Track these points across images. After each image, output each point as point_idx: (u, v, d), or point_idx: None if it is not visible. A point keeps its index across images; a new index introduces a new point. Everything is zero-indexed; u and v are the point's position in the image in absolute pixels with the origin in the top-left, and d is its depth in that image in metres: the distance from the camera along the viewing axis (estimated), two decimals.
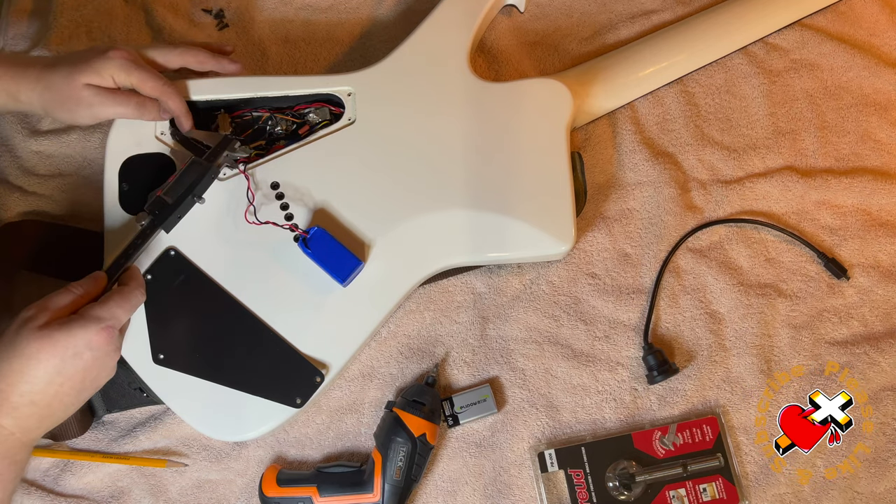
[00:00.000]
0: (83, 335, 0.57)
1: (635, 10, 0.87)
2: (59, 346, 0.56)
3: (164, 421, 0.72)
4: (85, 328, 0.57)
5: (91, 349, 0.57)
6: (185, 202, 0.68)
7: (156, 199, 0.67)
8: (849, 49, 0.84)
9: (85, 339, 0.57)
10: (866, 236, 0.78)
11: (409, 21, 0.83)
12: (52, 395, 0.56)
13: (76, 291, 0.60)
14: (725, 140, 0.82)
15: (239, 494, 0.71)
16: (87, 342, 0.57)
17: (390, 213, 0.71)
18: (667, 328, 0.76)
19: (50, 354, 0.55)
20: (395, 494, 0.67)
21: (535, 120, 0.74)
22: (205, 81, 0.74)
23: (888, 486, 0.72)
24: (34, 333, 0.55)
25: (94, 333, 0.57)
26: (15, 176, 0.78)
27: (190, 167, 0.69)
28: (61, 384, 0.57)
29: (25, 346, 0.55)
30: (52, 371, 0.56)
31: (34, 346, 0.55)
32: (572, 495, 0.70)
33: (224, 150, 0.71)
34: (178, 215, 0.69)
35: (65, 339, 0.56)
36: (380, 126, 0.74)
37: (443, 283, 0.76)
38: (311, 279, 0.69)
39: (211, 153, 0.70)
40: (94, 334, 0.57)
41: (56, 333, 0.56)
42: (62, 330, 0.56)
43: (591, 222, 0.78)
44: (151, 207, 0.67)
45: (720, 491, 0.71)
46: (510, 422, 0.73)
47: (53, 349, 0.55)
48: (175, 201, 0.68)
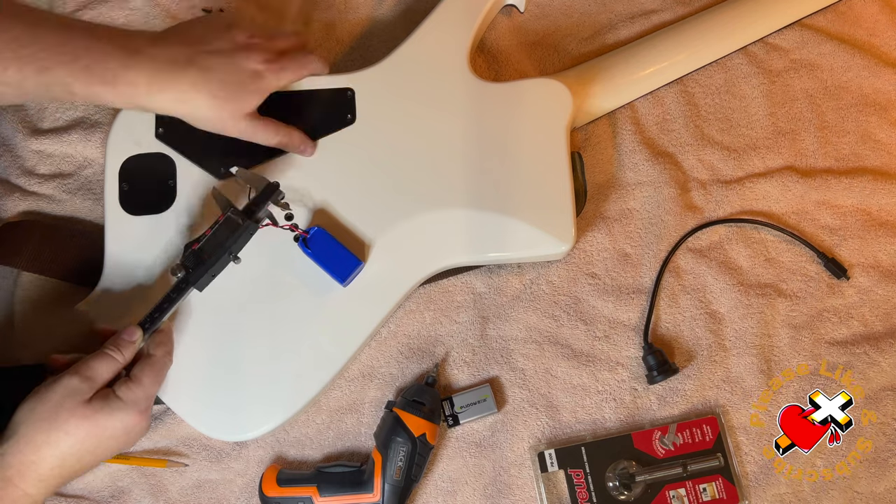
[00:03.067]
0: (123, 418, 0.58)
1: (635, 10, 0.87)
2: (98, 427, 0.57)
3: (164, 421, 0.72)
4: (125, 412, 0.59)
5: (127, 431, 0.59)
6: (221, 260, 0.64)
7: (191, 252, 0.63)
8: (849, 49, 0.84)
9: (123, 423, 0.59)
10: (866, 236, 0.78)
11: (409, 21, 0.83)
12: (79, 468, 0.58)
13: (118, 359, 0.60)
14: (725, 140, 0.82)
15: (239, 494, 0.71)
16: (125, 426, 0.59)
17: (390, 212, 0.71)
18: (667, 328, 0.76)
19: (88, 434, 0.57)
20: (395, 494, 0.67)
21: (535, 120, 0.74)
22: None
23: (888, 486, 0.72)
24: (78, 410, 0.57)
25: (133, 417, 0.59)
26: (15, 176, 0.78)
27: (227, 222, 0.64)
28: (91, 457, 0.58)
29: (66, 420, 0.56)
30: (85, 449, 0.57)
31: (74, 422, 0.56)
32: (572, 495, 0.70)
33: (267, 201, 0.65)
34: (213, 273, 0.65)
35: (105, 421, 0.58)
36: (380, 126, 0.74)
37: (443, 283, 0.76)
38: (311, 279, 0.69)
39: (250, 206, 0.64)
40: (132, 418, 0.59)
41: (98, 415, 0.57)
42: (104, 412, 0.57)
43: (591, 222, 0.78)
44: (186, 261, 0.63)
45: (720, 491, 0.71)
46: (510, 422, 0.73)
47: (93, 430, 0.57)
48: (212, 258, 0.63)
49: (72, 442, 0.56)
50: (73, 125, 0.79)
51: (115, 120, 0.74)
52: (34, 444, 0.55)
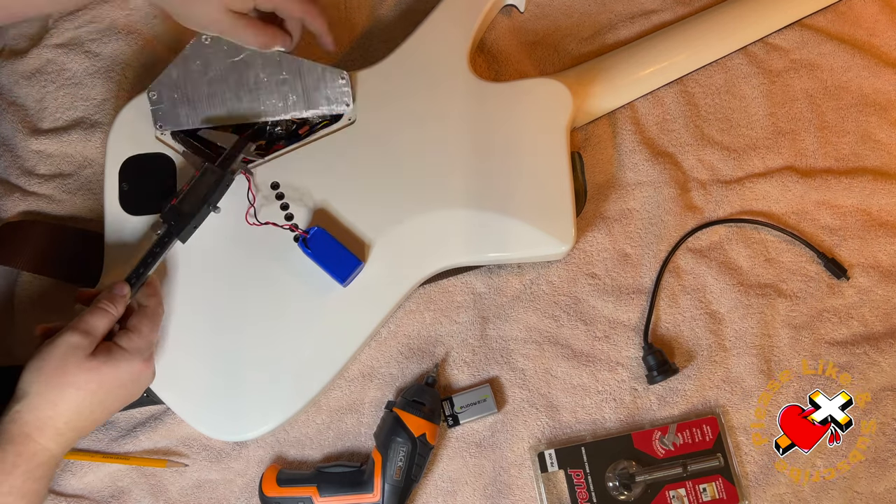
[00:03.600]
0: (128, 368, 0.60)
1: (635, 10, 0.87)
2: (106, 378, 0.58)
3: (164, 421, 0.72)
4: (130, 362, 0.60)
5: (134, 380, 0.61)
6: (202, 212, 0.67)
7: (171, 208, 0.66)
8: (849, 49, 0.84)
9: (130, 372, 0.60)
10: (866, 236, 0.78)
11: (409, 21, 0.83)
12: (93, 420, 0.59)
13: (112, 312, 0.60)
14: (725, 140, 0.82)
15: (239, 494, 0.71)
16: (131, 374, 0.60)
17: (390, 213, 0.71)
18: (667, 328, 0.76)
19: (99, 385, 0.58)
20: (395, 494, 0.67)
21: (535, 120, 0.74)
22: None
23: (888, 486, 0.72)
24: (83, 364, 0.57)
25: (137, 365, 0.60)
26: (15, 176, 0.78)
27: (204, 174, 0.67)
28: (102, 409, 0.59)
29: (75, 374, 0.57)
30: (97, 401, 0.58)
31: (82, 377, 0.57)
32: (572, 495, 0.70)
33: (239, 153, 0.69)
34: (194, 225, 0.67)
35: (113, 371, 0.58)
36: (380, 126, 0.74)
37: (443, 283, 0.76)
38: (311, 279, 0.69)
39: (225, 158, 0.68)
40: (137, 366, 0.60)
41: (104, 367, 0.58)
42: (109, 364, 0.58)
43: (591, 222, 0.78)
44: (168, 217, 0.66)
45: (720, 491, 0.71)
46: (510, 422, 0.73)
47: (103, 381, 0.58)
48: (191, 211, 0.66)
49: (83, 395, 0.57)
50: (73, 125, 0.79)
51: (115, 120, 0.74)
52: (49, 400, 0.56)
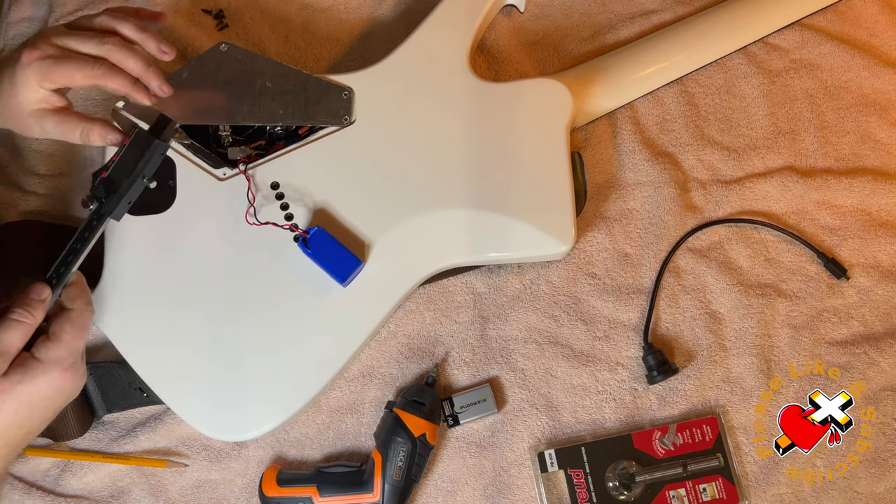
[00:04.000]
0: (47, 381, 0.55)
1: (635, 10, 0.87)
2: (24, 396, 0.54)
3: (164, 421, 0.72)
4: (48, 374, 0.55)
5: (58, 391, 0.56)
6: (135, 184, 0.60)
7: (100, 181, 0.59)
8: (848, 49, 0.84)
9: (50, 385, 0.55)
10: (866, 236, 0.78)
11: (409, 21, 0.83)
12: (26, 432, 0.56)
13: (27, 321, 0.55)
14: (725, 140, 0.82)
15: (239, 494, 0.71)
16: (52, 386, 0.55)
17: (390, 212, 0.71)
18: (667, 328, 0.76)
19: (18, 405, 0.54)
20: (395, 494, 0.67)
21: (535, 120, 0.74)
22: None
23: (888, 486, 0.72)
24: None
25: (58, 376, 0.55)
26: (15, 176, 0.78)
27: (134, 141, 0.61)
28: (31, 422, 0.56)
29: None
30: (23, 417, 0.55)
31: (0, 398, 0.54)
32: (572, 495, 0.70)
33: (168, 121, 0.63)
34: (128, 200, 0.61)
35: (29, 389, 0.54)
36: (380, 126, 0.74)
37: (443, 283, 0.76)
38: (311, 279, 0.69)
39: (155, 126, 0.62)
40: (58, 377, 0.55)
41: (20, 386, 0.54)
42: (25, 381, 0.54)
43: (591, 222, 0.78)
44: (96, 191, 0.59)
45: (720, 491, 0.71)
46: (510, 422, 0.73)
47: (20, 399, 0.54)
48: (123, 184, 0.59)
49: (4, 415, 0.54)
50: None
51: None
52: None
